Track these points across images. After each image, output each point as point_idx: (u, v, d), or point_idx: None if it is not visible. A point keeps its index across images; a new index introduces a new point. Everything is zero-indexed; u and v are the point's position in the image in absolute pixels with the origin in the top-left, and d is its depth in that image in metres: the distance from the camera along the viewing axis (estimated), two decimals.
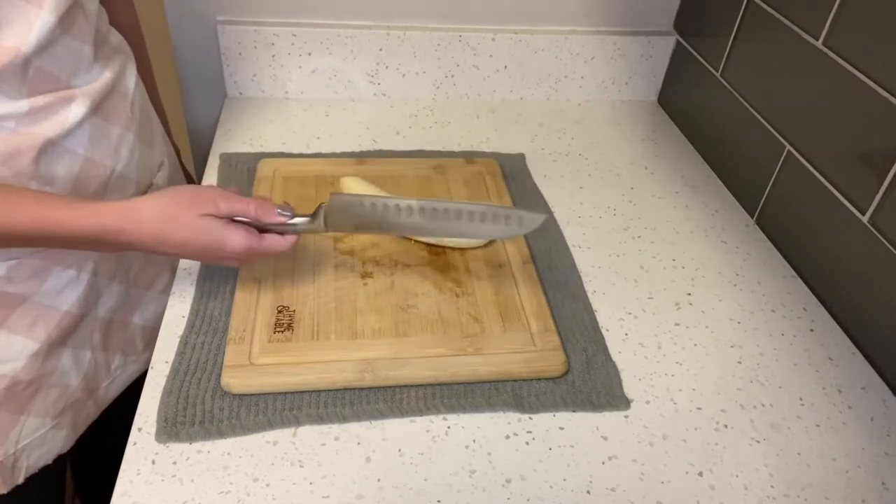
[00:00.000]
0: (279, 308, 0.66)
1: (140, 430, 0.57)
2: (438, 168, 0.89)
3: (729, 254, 0.83)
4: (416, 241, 0.76)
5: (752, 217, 0.89)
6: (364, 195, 0.65)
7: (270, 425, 0.58)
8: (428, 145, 0.97)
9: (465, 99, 1.10)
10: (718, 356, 0.69)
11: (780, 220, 0.84)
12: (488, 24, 1.05)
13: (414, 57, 1.05)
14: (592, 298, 0.73)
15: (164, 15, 0.97)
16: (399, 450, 0.57)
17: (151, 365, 0.62)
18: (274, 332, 0.64)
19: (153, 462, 0.54)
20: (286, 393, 0.60)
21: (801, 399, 0.65)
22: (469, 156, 0.94)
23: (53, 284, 0.64)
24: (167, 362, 0.62)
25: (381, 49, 1.03)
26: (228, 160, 0.89)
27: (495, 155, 0.96)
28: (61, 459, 0.72)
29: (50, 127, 0.58)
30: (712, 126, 1.00)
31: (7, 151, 0.56)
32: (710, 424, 0.62)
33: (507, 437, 0.59)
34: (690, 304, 0.75)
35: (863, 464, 0.60)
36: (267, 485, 0.54)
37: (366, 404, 0.60)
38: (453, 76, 1.08)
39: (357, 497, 0.53)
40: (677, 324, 0.72)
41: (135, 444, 0.55)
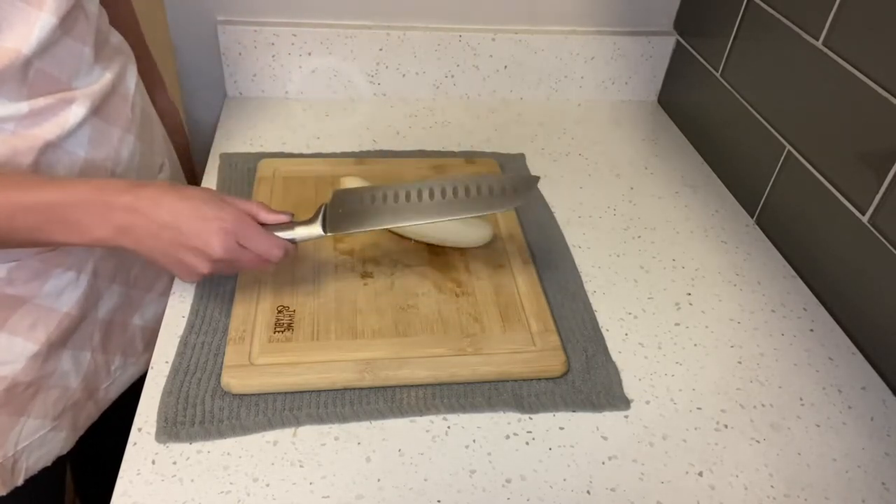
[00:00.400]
0: (279, 308, 0.66)
1: (140, 431, 0.57)
2: (438, 168, 0.89)
3: (729, 254, 0.83)
4: (417, 242, 0.76)
5: (752, 217, 0.89)
6: (363, 188, 0.66)
7: (270, 425, 0.58)
8: (428, 145, 0.97)
9: (465, 99, 1.10)
10: (718, 356, 0.69)
11: (780, 220, 0.84)
12: (488, 24, 1.04)
13: (414, 57, 1.05)
14: (592, 298, 0.73)
15: (165, 15, 0.97)
16: (399, 450, 0.57)
17: (151, 365, 0.62)
18: (274, 332, 0.64)
19: (153, 462, 0.54)
20: (286, 393, 0.60)
21: (801, 399, 0.65)
22: (469, 156, 0.94)
23: (53, 286, 0.63)
24: (167, 362, 0.62)
25: (381, 49, 1.03)
26: (228, 160, 0.89)
27: (495, 155, 0.96)
28: (61, 461, 0.72)
29: (50, 129, 0.58)
30: (712, 126, 1.00)
31: (7, 153, 0.56)
32: (710, 424, 0.62)
33: (507, 437, 0.59)
34: (690, 304, 0.75)
35: (863, 464, 0.60)
36: (267, 485, 0.54)
37: (366, 404, 0.60)
38: (453, 76, 1.08)
39: (357, 497, 0.53)
40: (677, 324, 0.72)
41: (135, 445, 0.55)
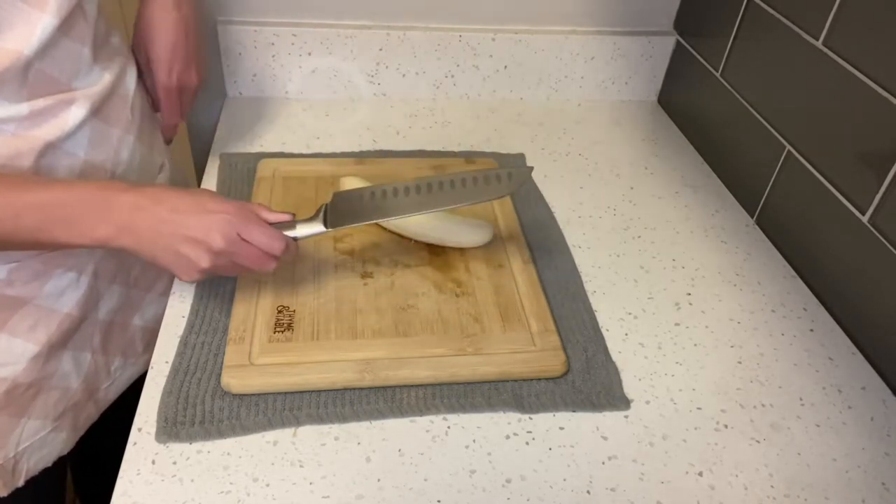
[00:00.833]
0: (279, 308, 0.66)
1: (140, 431, 0.57)
2: (438, 168, 0.89)
3: (729, 254, 0.83)
4: (416, 241, 0.76)
5: (752, 217, 0.89)
6: (363, 188, 0.68)
7: (270, 425, 0.58)
8: (428, 145, 0.97)
9: (465, 99, 1.10)
10: (718, 356, 0.69)
11: (780, 220, 0.84)
12: (488, 24, 1.04)
13: (414, 57, 1.05)
14: (592, 298, 0.73)
15: None
16: (399, 450, 0.57)
17: (151, 365, 0.62)
18: (274, 332, 0.64)
19: (153, 462, 0.54)
20: (286, 393, 0.60)
21: (801, 399, 0.65)
22: (469, 156, 0.94)
23: (54, 287, 0.64)
24: (167, 362, 0.62)
25: (381, 49, 1.03)
26: (228, 160, 0.89)
27: (495, 155, 0.96)
28: (61, 461, 0.72)
29: (50, 130, 0.58)
30: (712, 126, 1.00)
31: (7, 154, 0.56)
32: (710, 424, 0.62)
33: (507, 437, 0.59)
34: (690, 304, 0.75)
35: (863, 464, 0.60)
36: (267, 485, 0.54)
37: (366, 404, 0.60)
38: (453, 76, 1.08)
39: (357, 497, 0.53)
40: (677, 324, 0.72)
41: (135, 444, 0.55)
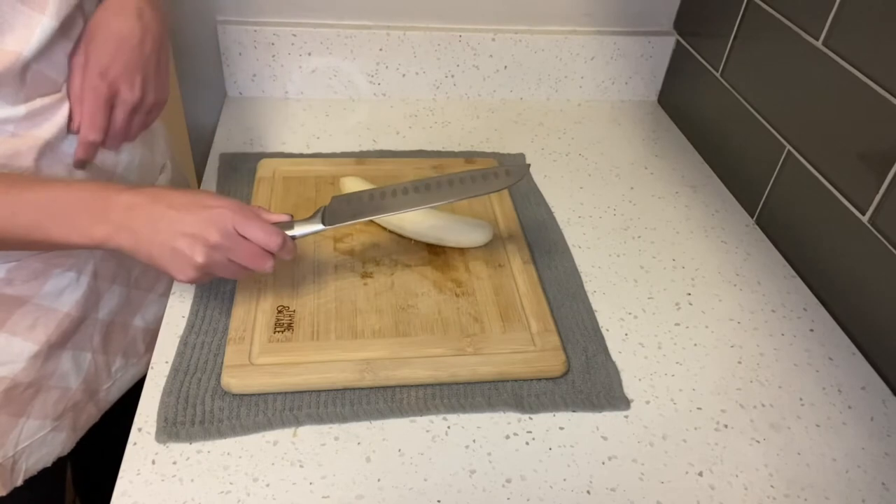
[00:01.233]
0: (279, 308, 0.66)
1: (140, 430, 0.57)
2: (438, 168, 0.89)
3: (729, 254, 0.83)
4: (416, 242, 0.76)
5: (752, 217, 0.89)
6: (361, 191, 0.67)
7: (270, 425, 0.58)
8: (428, 145, 0.97)
9: (465, 99, 1.10)
10: (718, 356, 0.69)
11: (780, 220, 0.84)
12: (488, 24, 1.04)
13: (414, 57, 1.05)
14: (592, 298, 0.73)
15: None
16: (399, 450, 0.57)
17: (151, 365, 0.62)
18: (274, 332, 0.64)
19: (153, 462, 0.54)
20: (286, 393, 0.60)
21: (801, 399, 0.65)
22: (469, 156, 0.94)
23: (53, 286, 0.63)
24: (167, 362, 0.62)
25: (381, 49, 1.03)
26: (228, 160, 0.89)
27: (495, 155, 0.96)
28: (61, 461, 0.72)
29: (48, 129, 0.58)
30: (712, 126, 1.00)
31: (7, 154, 0.56)
32: (710, 424, 0.62)
33: (507, 437, 0.59)
34: (690, 304, 0.75)
35: (863, 464, 0.60)
36: (267, 485, 0.54)
37: (366, 404, 0.60)
38: (453, 76, 1.08)
39: (357, 497, 0.53)
40: (677, 324, 0.72)
41: (135, 444, 0.55)
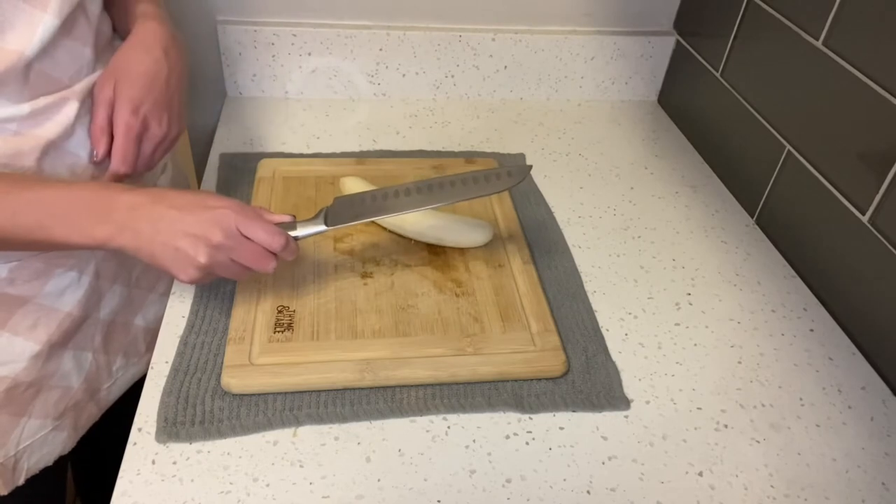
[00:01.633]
0: (279, 308, 0.66)
1: (140, 430, 0.57)
2: (438, 168, 0.89)
3: (729, 254, 0.83)
4: (416, 242, 0.76)
5: (752, 217, 0.89)
6: (363, 192, 0.68)
7: (270, 425, 0.58)
8: (428, 145, 0.97)
9: (465, 99, 1.10)
10: (718, 356, 0.69)
11: (780, 220, 0.84)
12: (488, 24, 1.05)
13: (414, 57, 1.05)
14: (592, 298, 0.73)
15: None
16: (399, 450, 0.57)
17: (151, 365, 0.62)
18: (274, 332, 0.64)
19: (153, 462, 0.54)
20: (286, 393, 0.60)
21: (801, 399, 0.65)
22: (469, 156, 0.94)
23: (55, 286, 0.64)
24: (167, 362, 0.62)
25: (381, 49, 1.03)
26: (228, 160, 0.89)
27: (495, 155, 0.96)
28: (62, 460, 0.72)
29: (51, 128, 0.58)
30: (712, 126, 1.00)
31: (9, 153, 0.56)
32: (710, 424, 0.62)
33: (507, 437, 0.59)
34: (690, 304, 0.75)
35: (863, 464, 0.60)
36: (267, 485, 0.54)
37: (366, 404, 0.60)
38: (453, 76, 1.08)
39: (357, 497, 0.53)
40: (677, 324, 0.72)
41: (135, 444, 0.56)
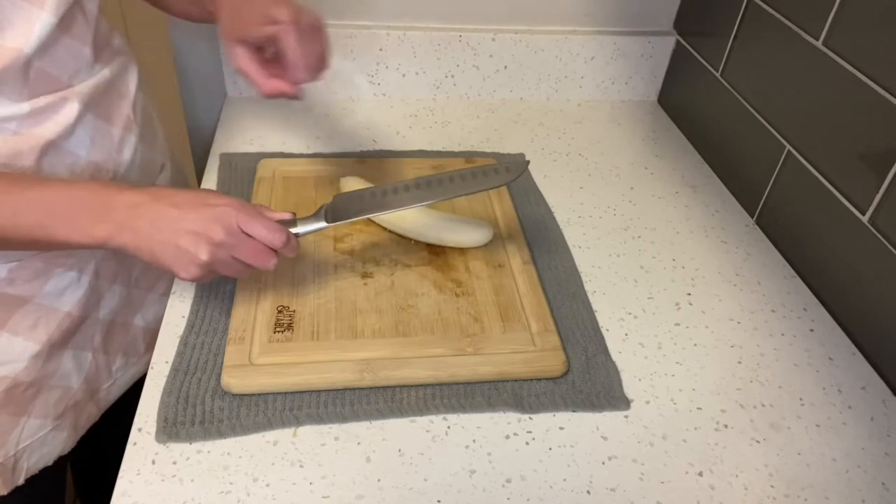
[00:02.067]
0: (279, 308, 0.66)
1: (140, 430, 0.57)
2: (438, 168, 0.89)
3: (729, 254, 0.83)
4: (416, 242, 0.76)
5: (752, 217, 0.89)
6: (363, 189, 0.68)
7: (270, 425, 0.58)
8: (428, 145, 0.97)
9: (465, 99, 1.10)
10: (718, 356, 0.69)
11: (780, 220, 0.84)
12: (488, 24, 1.04)
13: (414, 57, 1.05)
14: (592, 298, 0.73)
15: (165, 14, 0.97)
16: (399, 450, 0.57)
17: (151, 365, 0.62)
18: (274, 332, 0.64)
19: (153, 462, 0.54)
20: (286, 393, 0.60)
21: (801, 399, 0.65)
22: (469, 156, 0.94)
23: (55, 286, 0.64)
24: (167, 362, 0.62)
25: (381, 49, 1.03)
26: (228, 160, 0.89)
27: (495, 155, 0.96)
28: (62, 460, 0.72)
29: (51, 127, 0.58)
30: (712, 126, 1.00)
31: (9, 153, 0.56)
32: (710, 424, 0.62)
33: (507, 437, 0.59)
34: (690, 304, 0.75)
35: (863, 464, 0.60)
36: (267, 485, 0.54)
37: (366, 404, 0.60)
38: (453, 76, 1.08)
39: (357, 497, 0.53)
40: (677, 324, 0.72)
41: (135, 444, 0.56)
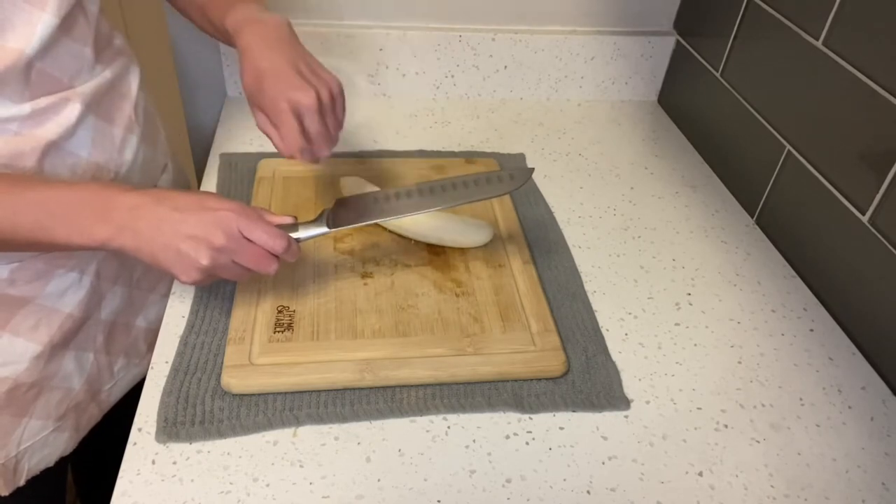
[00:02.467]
0: (279, 308, 0.66)
1: (140, 430, 0.57)
2: (438, 168, 0.89)
3: (729, 254, 0.83)
4: (416, 242, 0.76)
5: (752, 217, 0.89)
6: (365, 193, 0.68)
7: (270, 425, 0.58)
8: (428, 145, 0.97)
9: (465, 99, 1.10)
10: (718, 356, 0.69)
11: (780, 220, 0.84)
12: (488, 24, 1.05)
13: (414, 57, 1.05)
14: (592, 298, 0.73)
15: (165, 15, 0.97)
16: (399, 450, 0.57)
17: (151, 365, 0.62)
18: (274, 332, 0.64)
19: (153, 462, 0.54)
20: (286, 393, 0.60)
21: (801, 399, 0.65)
22: (469, 156, 0.94)
23: (56, 287, 0.64)
24: (167, 362, 0.62)
25: (381, 49, 1.03)
26: (228, 160, 0.89)
27: (495, 155, 0.96)
28: (63, 461, 0.72)
29: (52, 128, 0.58)
30: (712, 126, 1.00)
31: (10, 153, 0.56)
32: (710, 424, 0.62)
33: (507, 437, 0.59)
34: (690, 304, 0.75)
35: (863, 464, 0.60)
36: (267, 485, 0.54)
37: (366, 404, 0.60)
38: (453, 76, 1.08)
39: (357, 497, 0.53)
40: (677, 324, 0.72)
41: (135, 444, 0.56)
